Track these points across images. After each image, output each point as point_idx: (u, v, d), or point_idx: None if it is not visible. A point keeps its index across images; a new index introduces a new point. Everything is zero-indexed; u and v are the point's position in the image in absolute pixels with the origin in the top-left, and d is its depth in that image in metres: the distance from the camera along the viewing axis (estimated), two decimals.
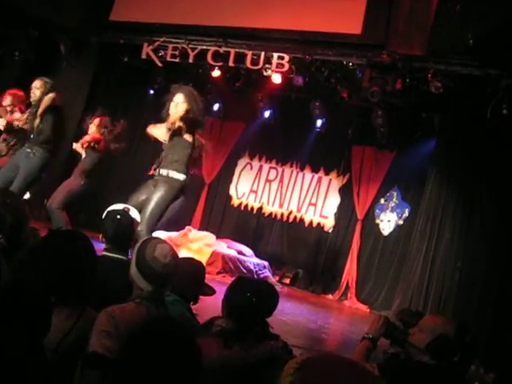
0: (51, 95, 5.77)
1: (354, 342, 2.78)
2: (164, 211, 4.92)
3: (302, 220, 9.84)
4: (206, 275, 3.45)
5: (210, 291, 3.34)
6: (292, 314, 6.25)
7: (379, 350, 2.94)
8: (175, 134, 4.96)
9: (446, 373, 2.52)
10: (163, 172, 4.98)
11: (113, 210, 3.62)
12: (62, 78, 9.19)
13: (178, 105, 4.95)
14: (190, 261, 3.61)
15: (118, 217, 3.49)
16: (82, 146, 6.40)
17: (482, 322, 6.61)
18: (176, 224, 9.32)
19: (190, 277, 3.23)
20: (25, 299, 1.60)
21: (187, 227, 9.21)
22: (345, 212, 9.51)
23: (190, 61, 7.76)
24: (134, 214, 3.63)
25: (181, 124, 4.90)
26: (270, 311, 2.69)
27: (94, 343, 2.22)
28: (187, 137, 4.99)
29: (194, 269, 3.35)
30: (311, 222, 9.77)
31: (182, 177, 4.97)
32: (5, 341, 1.35)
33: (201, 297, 3.31)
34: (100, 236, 3.47)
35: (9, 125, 6.24)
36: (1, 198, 2.22)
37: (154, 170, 5.09)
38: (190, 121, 4.93)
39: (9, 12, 8.26)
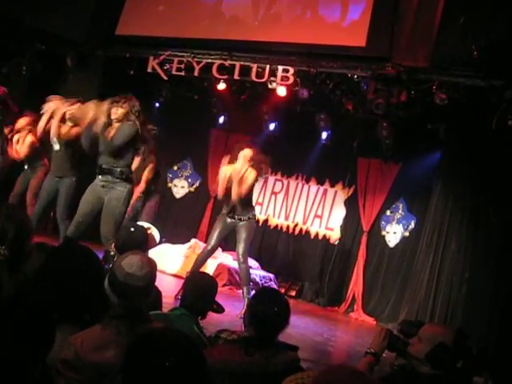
0: None
1: (361, 354, 2.76)
2: None
3: (307, 232, 9.81)
4: None
5: (219, 309, 3.33)
6: (298, 326, 6.21)
7: (386, 364, 2.92)
8: None
9: (447, 382, 2.49)
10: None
11: (132, 223, 3.65)
12: (67, 91, 9.28)
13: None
14: (204, 276, 3.62)
15: (132, 229, 3.51)
16: None
17: (490, 334, 6.55)
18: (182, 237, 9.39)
19: (201, 292, 3.23)
20: (28, 314, 1.59)
21: (193, 240, 9.21)
22: (350, 224, 9.48)
23: (196, 74, 7.80)
24: (155, 233, 3.66)
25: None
26: (288, 322, 2.69)
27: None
28: None
29: (206, 285, 3.35)
30: (317, 234, 9.74)
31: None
32: (6, 356, 1.34)
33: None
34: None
35: None
36: (4, 209, 2.23)
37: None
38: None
39: (16, 26, 8.35)
